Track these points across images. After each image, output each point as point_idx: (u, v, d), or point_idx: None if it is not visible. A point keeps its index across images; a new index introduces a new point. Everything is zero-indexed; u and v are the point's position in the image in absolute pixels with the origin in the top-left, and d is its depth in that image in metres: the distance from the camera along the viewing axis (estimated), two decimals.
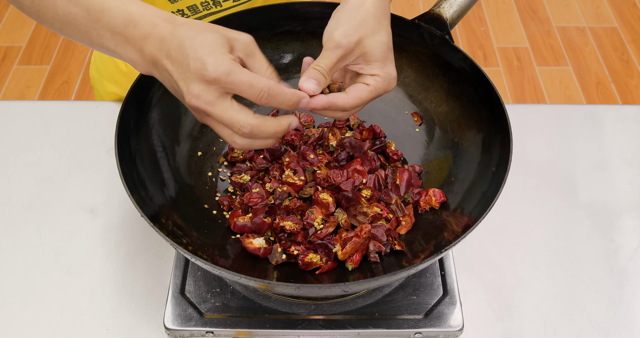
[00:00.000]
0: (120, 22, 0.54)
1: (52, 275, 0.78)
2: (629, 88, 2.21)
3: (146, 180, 0.69)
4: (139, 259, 0.80)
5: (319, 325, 0.70)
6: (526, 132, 0.95)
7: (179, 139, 0.78)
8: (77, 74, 2.22)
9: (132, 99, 0.69)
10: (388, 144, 0.82)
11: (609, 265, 0.80)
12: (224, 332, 0.69)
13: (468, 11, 0.78)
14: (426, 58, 0.80)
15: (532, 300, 0.77)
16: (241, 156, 0.80)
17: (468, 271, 0.79)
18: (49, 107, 0.99)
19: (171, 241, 0.58)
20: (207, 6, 0.83)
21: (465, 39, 2.39)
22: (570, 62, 2.30)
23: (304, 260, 0.68)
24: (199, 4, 0.82)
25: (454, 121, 0.78)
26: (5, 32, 2.37)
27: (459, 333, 0.70)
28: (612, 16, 2.49)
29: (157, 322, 0.74)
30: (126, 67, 0.97)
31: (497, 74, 2.25)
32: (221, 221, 0.75)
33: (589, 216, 0.86)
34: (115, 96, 1.02)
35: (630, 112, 1.00)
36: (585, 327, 0.75)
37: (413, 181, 0.77)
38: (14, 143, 0.93)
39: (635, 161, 0.92)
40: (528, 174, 0.90)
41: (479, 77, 0.72)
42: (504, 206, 0.84)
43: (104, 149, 0.92)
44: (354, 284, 0.59)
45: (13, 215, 0.84)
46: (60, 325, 0.74)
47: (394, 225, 0.73)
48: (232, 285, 0.73)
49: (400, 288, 0.73)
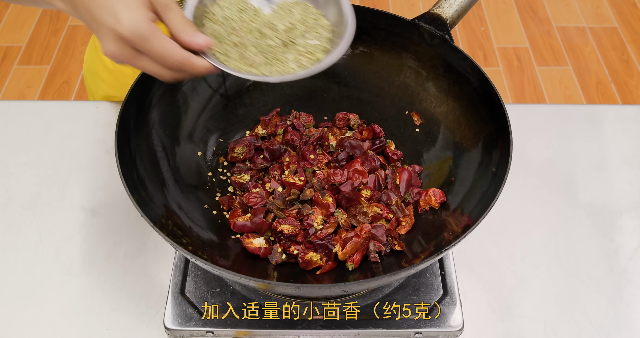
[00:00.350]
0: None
1: (52, 275, 0.78)
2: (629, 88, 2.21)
3: (146, 180, 0.69)
4: (139, 259, 0.80)
5: (319, 325, 0.70)
6: (526, 132, 0.95)
7: (179, 139, 0.78)
8: (77, 74, 2.22)
9: (132, 99, 0.69)
10: (388, 144, 0.82)
11: (609, 265, 0.80)
12: (224, 332, 0.69)
13: (468, 11, 0.78)
14: (426, 58, 0.80)
15: (532, 300, 0.77)
16: (241, 156, 0.80)
17: (468, 271, 0.79)
18: (49, 107, 0.99)
19: (171, 241, 0.58)
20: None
21: (465, 39, 2.39)
22: (570, 62, 2.30)
23: (304, 258, 0.68)
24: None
25: (454, 121, 0.78)
26: (5, 32, 2.37)
27: (459, 333, 0.70)
28: (612, 16, 2.48)
29: (157, 322, 0.74)
30: (112, 65, 0.97)
31: (497, 74, 2.25)
32: (221, 221, 0.75)
33: (589, 216, 0.86)
34: (104, 94, 1.02)
35: (630, 112, 1.00)
36: (585, 327, 0.75)
37: (413, 181, 0.77)
38: (14, 143, 0.93)
39: (635, 161, 0.92)
40: (528, 174, 0.90)
41: (479, 77, 0.72)
42: (504, 206, 0.84)
43: (104, 149, 0.92)
44: (354, 284, 0.59)
45: (13, 215, 0.84)
46: (60, 325, 0.74)
47: (394, 225, 0.73)
48: (232, 285, 0.73)
49: (400, 288, 0.73)
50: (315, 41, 0.65)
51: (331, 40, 0.66)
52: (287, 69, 0.64)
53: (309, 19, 0.67)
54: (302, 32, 0.65)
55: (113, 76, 0.98)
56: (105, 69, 0.98)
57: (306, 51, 0.65)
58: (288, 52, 0.64)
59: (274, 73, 0.63)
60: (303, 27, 0.66)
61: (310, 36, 0.65)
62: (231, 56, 0.63)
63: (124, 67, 0.95)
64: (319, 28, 0.66)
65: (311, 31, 0.66)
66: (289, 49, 0.64)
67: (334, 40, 0.65)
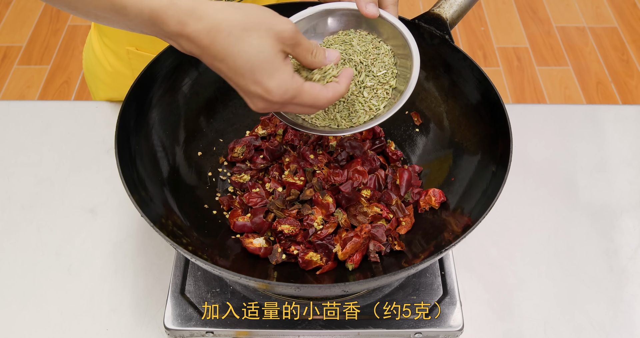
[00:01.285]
0: (147, 18, 0.51)
1: (52, 275, 0.78)
2: (629, 88, 2.21)
3: (146, 180, 0.69)
4: (139, 259, 0.80)
5: (319, 325, 0.70)
6: (526, 132, 0.95)
7: (179, 139, 0.78)
8: (77, 74, 2.22)
9: (132, 99, 0.69)
10: (388, 144, 0.82)
11: (609, 265, 0.80)
12: (224, 332, 0.69)
13: (468, 11, 0.78)
14: (426, 58, 0.80)
15: (532, 300, 0.77)
16: (241, 156, 0.80)
17: (468, 271, 0.79)
18: (49, 107, 0.99)
19: (171, 241, 0.58)
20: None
21: (465, 39, 2.39)
22: (570, 62, 2.30)
23: (304, 257, 0.68)
24: None
25: (454, 121, 0.78)
26: (5, 32, 2.37)
27: (459, 333, 0.70)
28: (612, 16, 2.48)
29: (157, 322, 0.74)
30: (111, 67, 0.97)
31: (497, 74, 2.25)
32: (221, 221, 0.75)
33: (589, 216, 0.86)
34: (105, 95, 1.02)
35: (630, 112, 1.00)
36: (586, 327, 0.75)
37: (413, 181, 0.77)
38: (14, 143, 0.93)
39: (635, 161, 0.92)
40: (528, 174, 0.90)
41: (479, 77, 0.72)
42: (504, 206, 0.84)
43: (104, 149, 0.92)
44: (354, 284, 0.59)
45: (13, 215, 0.84)
46: (60, 325, 0.74)
47: (394, 225, 0.73)
48: (232, 285, 0.73)
49: (400, 288, 0.73)
50: (383, 71, 0.66)
51: (396, 64, 0.67)
52: (368, 109, 0.66)
53: (370, 48, 0.67)
54: (368, 65, 0.66)
55: (112, 77, 0.98)
56: (103, 71, 0.98)
57: (379, 83, 0.66)
58: (364, 90, 0.66)
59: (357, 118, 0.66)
60: (369, 60, 0.66)
61: (376, 68, 0.66)
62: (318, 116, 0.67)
63: (122, 69, 0.95)
64: (381, 56, 0.67)
65: (376, 63, 0.66)
66: (362, 87, 0.66)
67: (398, 62, 0.67)
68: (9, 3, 2.49)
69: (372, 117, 0.65)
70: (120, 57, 0.94)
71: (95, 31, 0.97)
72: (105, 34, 0.93)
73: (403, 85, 0.65)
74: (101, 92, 1.02)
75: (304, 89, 0.55)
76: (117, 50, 0.93)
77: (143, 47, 0.90)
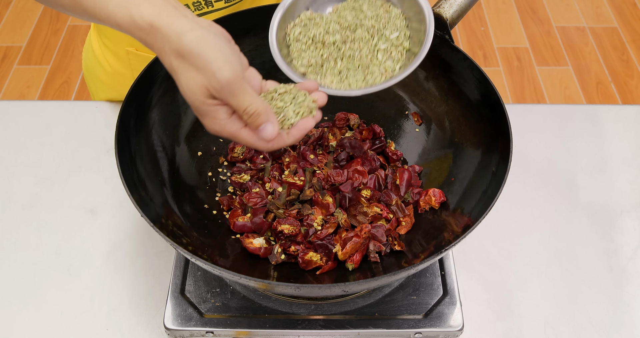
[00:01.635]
0: (126, 25, 0.52)
1: (52, 275, 0.78)
2: (629, 88, 2.21)
3: (146, 180, 0.69)
4: (139, 259, 0.80)
5: (319, 325, 0.70)
6: (526, 132, 0.95)
7: (179, 139, 0.78)
8: (77, 74, 2.22)
9: (132, 99, 0.69)
10: (388, 144, 0.82)
11: (609, 265, 0.80)
12: (224, 332, 0.69)
13: (468, 11, 0.78)
14: (426, 58, 0.79)
15: (532, 300, 0.77)
16: (241, 156, 0.80)
17: (468, 271, 0.79)
18: (49, 107, 0.99)
19: (171, 241, 0.58)
20: (199, 6, 0.83)
21: (465, 39, 2.39)
22: (570, 62, 2.30)
23: (304, 257, 0.68)
24: (191, 4, 0.82)
25: (454, 121, 0.78)
26: (5, 32, 2.37)
27: (459, 333, 0.70)
28: (612, 16, 2.48)
29: (157, 322, 0.74)
30: (110, 68, 0.97)
31: (497, 74, 2.25)
32: (221, 221, 0.75)
33: (589, 216, 0.86)
34: (105, 95, 1.02)
35: (630, 112, 1.00)
36: (586, 327, 0.75)
37: (413, 181, 0.77)
38: (14, 143, 0.93)
39: (635, 161, 0.92)
40: (528, 174, 0.90)
41: (479, 77, 0.72)
42: (504, 206, 0.84)
43: (104, 149, 0.92)
44: (354, 284, 0.59)
45: (13, 215, 0.84)
46: (60, 325, 0.74)
47: (394, 225, 0.73)
48: (232, 285, 0.73)
49: (400, 288, 0.73)
50: (396, 33, 0.66)
51: (407, 26, 0.67)
52: (383, 71, 0.65)
53: (381, 12, 0.67)
54: (380, 29, 0.66)
55: (112, 78, 0.98)
56: (103, 71, 0.98)
57: (392, 45, 0.65)
58: (378, 53, 0.66)
59: (373, 79, 0.65)
60: (381, 23, 0.66)
61: (388, 30, 0.66)
62: (326, 74, 0.66)
63: (122, 69, 0.95)
64: (393, 20, 0.67)
65: (388, 26, 0.66)
66: (376, 50, 0.66)
67: (410, 25, 0.66)
68: (9, 3, 2.49)
69: (387, 79, 0.65)
70: (119, 57, 0.94)
71: (95, 32, 0.97)
72: (105, 34, 0.93)
73: (417, 47, 0.65)
74: (101, 92, 1.02)
75: (240, 136, 0.55)
76: (117, 50, 0.93)
77: (143, 47, 0.90)
